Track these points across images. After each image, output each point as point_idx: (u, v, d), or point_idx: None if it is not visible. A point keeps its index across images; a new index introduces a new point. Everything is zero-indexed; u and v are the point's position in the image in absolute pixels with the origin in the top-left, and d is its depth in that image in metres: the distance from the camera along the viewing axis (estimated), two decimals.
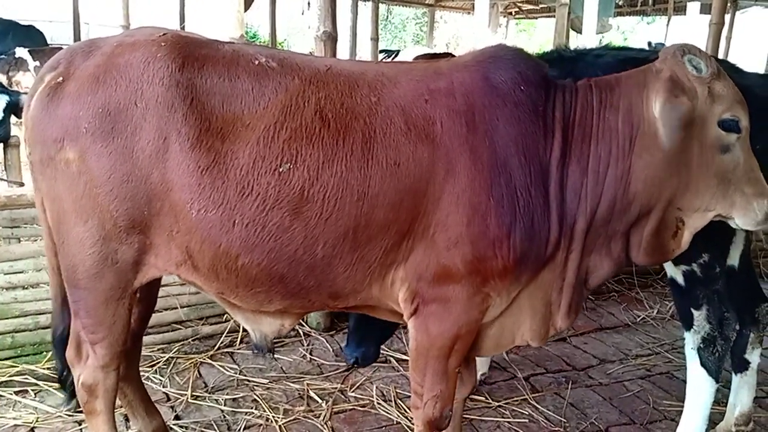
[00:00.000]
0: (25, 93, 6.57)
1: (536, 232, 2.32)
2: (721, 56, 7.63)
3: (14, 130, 6.70)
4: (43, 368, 3.70)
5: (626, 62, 2.98)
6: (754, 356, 3.35)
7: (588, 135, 2.37)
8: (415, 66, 2.58)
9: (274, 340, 4.07)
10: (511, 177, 2.28)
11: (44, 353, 3.78)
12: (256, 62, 2.29)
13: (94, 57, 2.26)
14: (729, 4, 9.65)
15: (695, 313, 2.96)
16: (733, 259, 3.10)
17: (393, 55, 16.00)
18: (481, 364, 3.89)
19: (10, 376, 3.62)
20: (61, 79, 2.24)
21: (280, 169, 2.17)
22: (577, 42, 10.72)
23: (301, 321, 4.52)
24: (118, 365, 2.54)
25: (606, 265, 2.51)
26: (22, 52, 10.75)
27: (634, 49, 3.80)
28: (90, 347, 2.46)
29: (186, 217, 2.21)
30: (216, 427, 3.34)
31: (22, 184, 5.50)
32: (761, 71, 5.14)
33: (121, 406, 2.98)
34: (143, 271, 2.37)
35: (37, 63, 10.25)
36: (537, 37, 25.81)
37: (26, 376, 3.64)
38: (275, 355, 4.14)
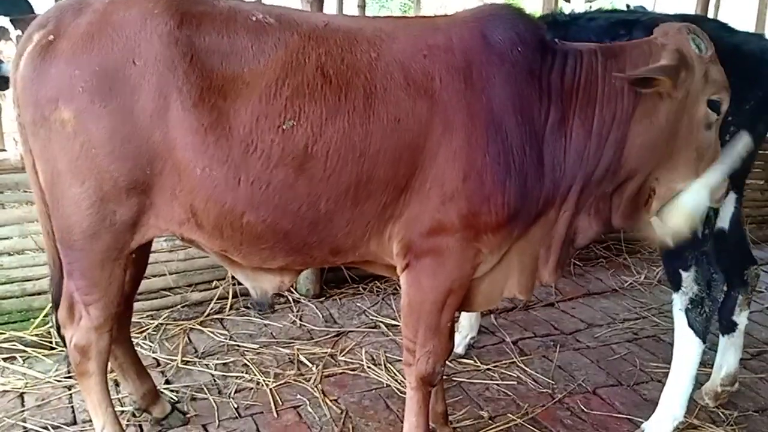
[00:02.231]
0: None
1: (529, 190, 2.34)
2: None
3: None
4: (31, 335, 3.68)
5: (617, 24, 2.99)
6: (741, 318, 3.39)
7: (593, 99, 2.39)
8: (413, 21, 2.57)
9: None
10: (507, 135, 2.29)
11: (31, 320, 3.76)
12: (254, 18, 2.26)
13: (86, 14, 2.19)
14: None
15: (683, 274, 2.99)
16: (724, 221, 3.12)
17: None
18: (470, 328, 3.92)
19: None
20: (52, 37, 2.17)
21: (284, 126, 2.16)
22: (567, 8, 10.64)
23: (291, 287, 4.52)
24: (112, 327, 2.51)
25: (595, 225, 2.56)
26: (3, 21, 10.50)
27: (624, 11, 3.82)
28: (83, 308, 2.44)
29: (190, 176, 2.19)
30: (207, 391, 3.34)
31: (2, 150, 5.41)
32: None
33: (112, 371, 2.98)
34: (141, 231, 2.34)
35: (19, 32, 10.01)
36: (526, 4, 25.65)
37: (14, 343, 3.62)
38: (265, 321, 4.15)
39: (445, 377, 3.48)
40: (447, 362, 3.61)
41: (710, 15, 5.95)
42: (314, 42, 2.25)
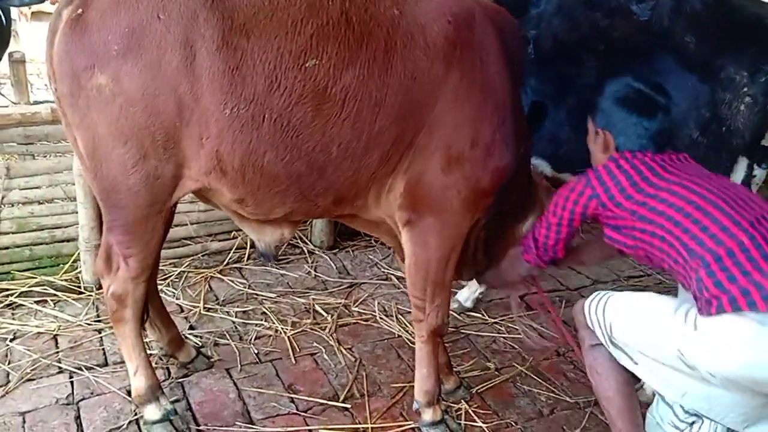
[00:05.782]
0: None
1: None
2: None
3: (15, 45, 6.64)
4: (61, 280, 3.86)
5: None
6: None
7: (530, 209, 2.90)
8: None
9: (281, 257, 4.27)
10: (512, 123, 2.55)
11: (61, 265, 3.94)
12: None
13: None
14: None
15: None
16: None
17: None
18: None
19: (29, 286, 3.77)
20: (80, 11, 2.25)
21: (306, 65, 2.26)
22: None
23: (306, 239, 4.68)
24: (147, 277, 2.67)
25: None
26: None
27: None
28: (122, 260, 2.56)
29: (218, 120, 2.27)
30: (229, 337, 3.53)
31: (33, 103, 5.46)
32: None
33: None
34: (180, 185, 2.46)
35: None
36: None
37: (45, 287, 3.80)
38: (282, 271, 4.31)
39: (453, 329, 3.66)
40: (456, 316, 3.79)
41: None
42: None
